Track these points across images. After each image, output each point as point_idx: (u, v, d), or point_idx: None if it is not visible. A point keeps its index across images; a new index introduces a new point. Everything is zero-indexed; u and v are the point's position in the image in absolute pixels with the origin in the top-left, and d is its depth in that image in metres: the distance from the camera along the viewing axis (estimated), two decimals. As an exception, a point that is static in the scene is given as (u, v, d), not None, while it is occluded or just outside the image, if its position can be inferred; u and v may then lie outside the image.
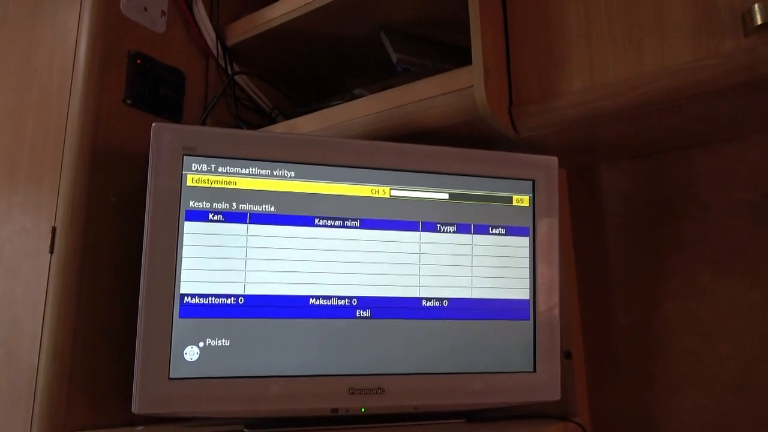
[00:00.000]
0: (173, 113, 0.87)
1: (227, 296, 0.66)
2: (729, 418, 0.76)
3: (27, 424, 0.68)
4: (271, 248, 0.68)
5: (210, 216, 0.67)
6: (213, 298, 0.66)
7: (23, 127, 0.82)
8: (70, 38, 0.79)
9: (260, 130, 0.92)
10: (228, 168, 0.68)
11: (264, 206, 0.68)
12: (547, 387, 0.72)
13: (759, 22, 0.57)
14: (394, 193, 0.71)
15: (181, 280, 0.65)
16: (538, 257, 0.74)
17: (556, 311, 0.74)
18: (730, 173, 0.80)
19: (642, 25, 0.65)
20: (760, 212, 0.78)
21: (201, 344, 0.65)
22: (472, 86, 0.68)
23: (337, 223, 0.69)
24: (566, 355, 0.81)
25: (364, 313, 0.69)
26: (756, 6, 0.58)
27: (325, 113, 0.82)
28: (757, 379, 0.75)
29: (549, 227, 0.75)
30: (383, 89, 0.80)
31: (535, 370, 0.72)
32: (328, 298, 0.68)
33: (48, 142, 0.78)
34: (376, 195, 0.71)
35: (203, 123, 0.90)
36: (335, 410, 0.66)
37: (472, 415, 0.73)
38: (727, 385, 0.77)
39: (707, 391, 0.78)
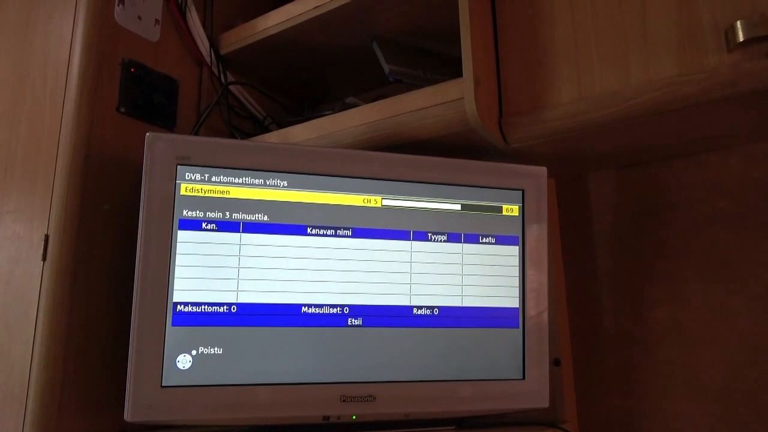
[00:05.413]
0: (166, 121, 0.87)
1: (220, 305, 0.66)
2: (713, 424, 0.78)
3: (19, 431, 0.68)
4: (264, 257, 0.68)
5: (203, 225, 0.67)
6: (206, 307, 0.66)
7: (16, 134, 0.83)
8: (63, 46, 0.80)
9: (253, 138, 0.93)
10: (221, 177, 0.69)
11: (257, 215, 0.69)
12: (536, 394, 0.73)
13: (741, 38, 0.59)
14: (386, 202, 0.72)
15: (174, 288, 0.66)
16: (528, 266, 0.75)
17: (545, 319, 0.75)
18: (713, 183, 0.82)
19: (628, 40, 0.67)
20: (742, 221, 0.79)
21: (194, 352, 0.65)
22: (462, 98, 0.69)
23: (329, 232, 0.70)
24: (555, 363, 0.82)
25: (356, 321, 0.70)
26: (738, 23, 0.59)
27: (318, 122, 0.83)
28: (740, 386, 0.77)
29: (538, 236, 0.76)
30: (376, 98, 0.81)
31: (524, 378, 0.73)
32: (320, 306, 0.69)
33: (41, 150, 0.78)
34: (368, 204, 0.72)
35: (197, 132, 0.91)
36: (327, 418, 0.67)
37: (462, 422, 0.74)
38: (711, 391, 0.78)
39: (692, 397, 0.80)
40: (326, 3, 0.83)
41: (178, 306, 0.65)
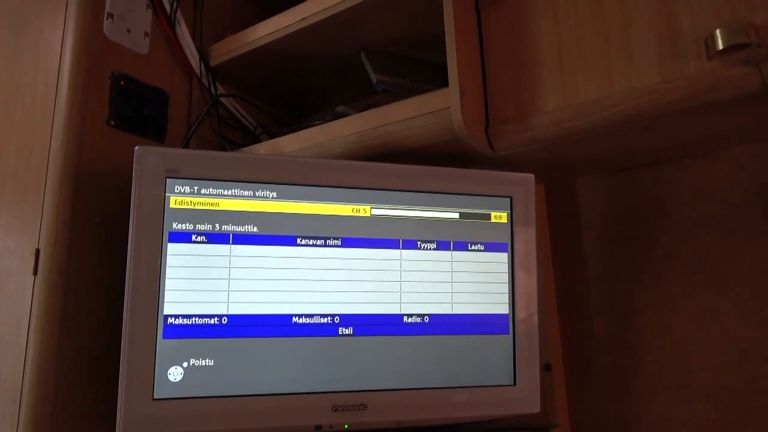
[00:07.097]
0: (157, 133, 0.87)
1: (211, 316, 0.67)
2: (703, 426, 0.78)
3: (11, 446, 0.68)
4: (254, 268, 0.69)
5: (193, 237, 0.68)
6: (196, 319, 0.66)
7: (6, 148, 0.83)
8: (53, 60, 0.80)
9: (243, 149, 0.93)
10: (211, 190, 0.69)
11: (246, 227, 0.69)
12: (528, 399, 0.74)
13: (721, 47, 0.60)
14: (375, 211, 0.73)
15: (165, 301, 0.66)
16: (517, 272, 0.76)
17: (535, 325, 0.75)
18: (700, 187, 0.83)
19: (611, 49, 0.68)
20: (728, 225, 0.80)
21: (185, 364, 0.66)
22: (448, 107, 0.70)
23: (318, 242, 0.71)
24: (546, 368, 0.82)
25: (347, 330, 0.70)
26: (718, 31, 0.60)
27: (308, 132, 0.84)
28: (729, 388, 0.77)
29: (527, 243, 0.77)
30: (366, 107, 0.81)
31: (515, 383, 0.73)
32: (311, 316, 0.69)
33: (31, 164, 0.78)
34: (357, 214, 0.72)
35: (187, 144, 0.91)
36: (319, 427, 0.67)
37: (454, 429, 0.74)
38: (701, 393, 0.79)
39: (681, 399, 0.80)
40: (314, 14, 0.84)
41: (169, 318, 0.66)
